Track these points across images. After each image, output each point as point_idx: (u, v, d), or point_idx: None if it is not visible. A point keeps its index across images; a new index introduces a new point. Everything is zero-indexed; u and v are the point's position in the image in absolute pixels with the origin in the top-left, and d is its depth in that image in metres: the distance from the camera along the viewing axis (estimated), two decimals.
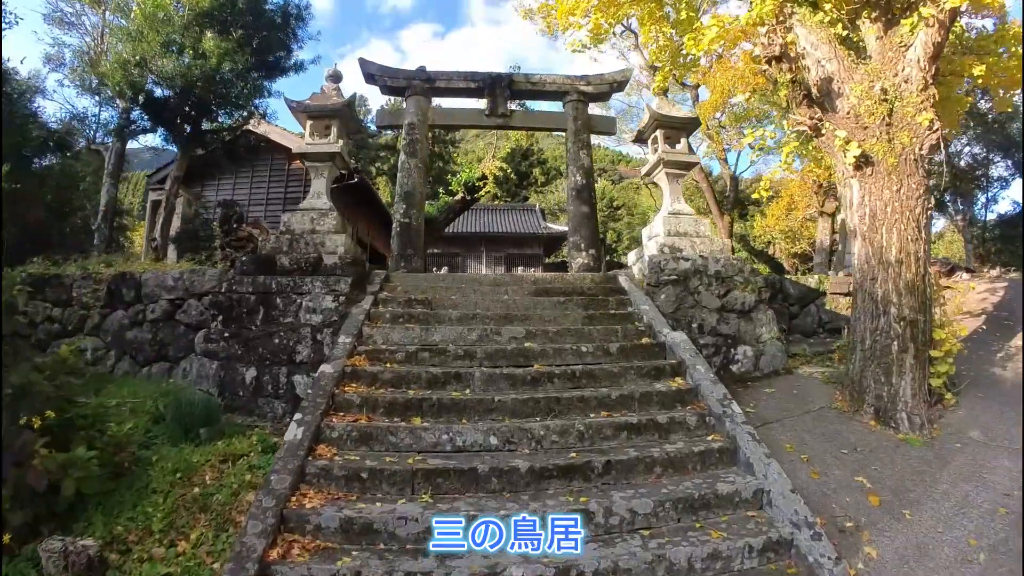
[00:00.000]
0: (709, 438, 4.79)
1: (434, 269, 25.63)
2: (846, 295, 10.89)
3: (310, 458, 4.28)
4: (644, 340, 6.31)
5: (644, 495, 3.96)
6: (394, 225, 10.01)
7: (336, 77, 8.31)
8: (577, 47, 7.87)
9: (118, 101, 10.80)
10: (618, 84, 11.09)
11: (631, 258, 8.63)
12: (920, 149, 5.74)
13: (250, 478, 4.43)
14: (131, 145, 13.20)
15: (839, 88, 5.99)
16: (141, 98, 10.10)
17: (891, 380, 5.58)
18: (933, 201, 9.64)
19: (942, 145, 5.94)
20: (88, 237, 13.01)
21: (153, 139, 12.63)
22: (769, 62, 5.61)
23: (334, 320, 6.34)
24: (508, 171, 35.25)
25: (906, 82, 5.79)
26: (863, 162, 5.79)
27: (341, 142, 7.79)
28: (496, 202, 33.66)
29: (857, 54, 6.40)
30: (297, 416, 4.60)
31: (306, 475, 4.13)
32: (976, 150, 22.22)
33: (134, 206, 24.51)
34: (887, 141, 5.73)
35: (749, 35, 6.28)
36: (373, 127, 31.89)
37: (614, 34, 25.09)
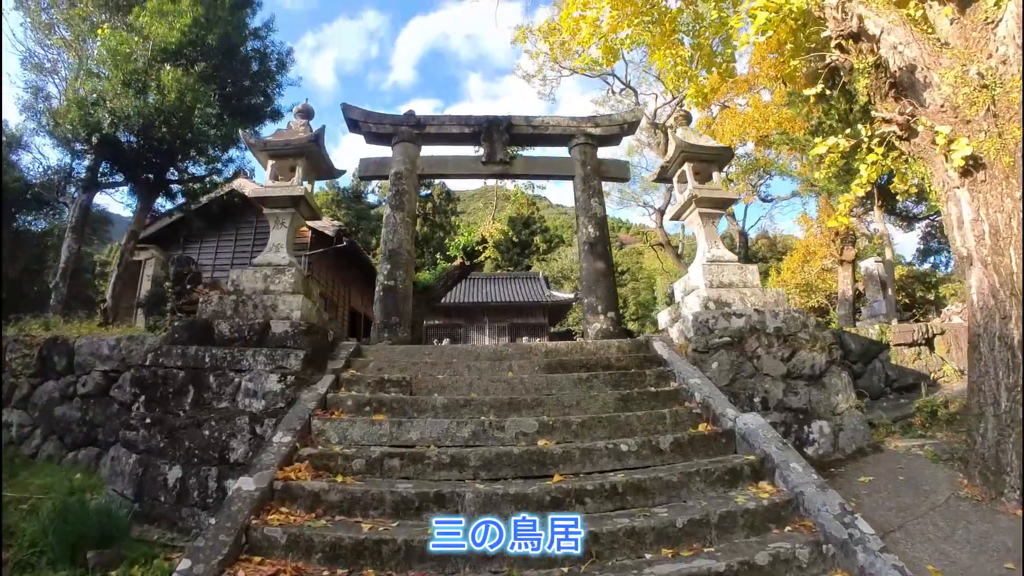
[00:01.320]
0: None
1: (435, 341, 24.01)
2: (911, 346, 9.48)
3: None
4: (703, 428, 4.63)
5: None
6: (377, 289, 8.51)
7: (306, 112, 7.10)
8: (588, 62, 6.79)
9: (77, 145, 9.68)
10: (629, 125, 9.99)
11: (663, 319, 7.07)
12: None
13: None
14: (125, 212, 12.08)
15: (925, 77, 4.68)
16: (95, 139, 8.94)
17: None
18: None
19: None
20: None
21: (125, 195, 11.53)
22: (839, 46, 4.31)
23: (280, 407, 4.76)
24: (510, 234, 34.50)
25: (1004, 63, 4.52)
26: (971, 166, 4.42)
27: (307, 184, 6.49)
28: (498, 271, 32.72)
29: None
30: (183, 565, 2.89)
31: None
32: None
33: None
34: (997, 136, 4.38)
35: (810, 15, 5.03)
36: (374, 199, 31.54)
37: (613, 92, 24.94)
